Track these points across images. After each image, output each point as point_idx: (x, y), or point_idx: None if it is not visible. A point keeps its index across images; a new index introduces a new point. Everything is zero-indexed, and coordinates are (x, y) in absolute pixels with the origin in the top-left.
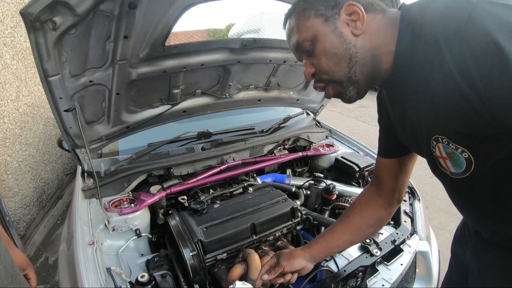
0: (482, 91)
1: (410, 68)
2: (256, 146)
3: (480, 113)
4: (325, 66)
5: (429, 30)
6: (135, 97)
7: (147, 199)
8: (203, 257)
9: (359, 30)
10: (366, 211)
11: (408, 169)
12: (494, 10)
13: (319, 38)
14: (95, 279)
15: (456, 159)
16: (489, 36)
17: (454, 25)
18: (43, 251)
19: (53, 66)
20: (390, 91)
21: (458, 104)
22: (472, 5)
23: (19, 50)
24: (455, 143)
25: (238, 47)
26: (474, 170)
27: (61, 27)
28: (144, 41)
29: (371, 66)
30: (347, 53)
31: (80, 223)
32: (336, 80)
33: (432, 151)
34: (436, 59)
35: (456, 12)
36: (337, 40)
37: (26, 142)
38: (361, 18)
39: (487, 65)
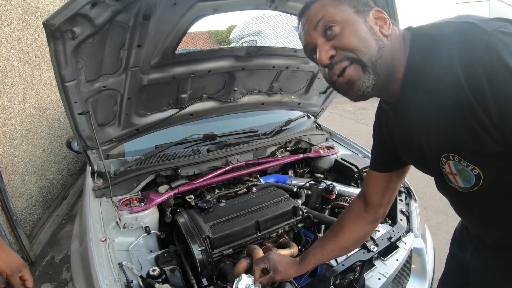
0: (495, 114)
1: (420, 88)
2: (259, 148)
3: (491, 134)
4: (355, 44)
5: (444, 54)
6: (145, 101)
7: (156, 198)
8: (211, 252)
9: (386, 31)
10: (354, 230)
11: (396, 186)
12: (508, 40)
13: (351, 22)
14: (109, 273)
15: (466, 175)
16: (504, 64)
17: (471, 52)
18: (49, 250)
19: (70, 72)
20: (398, 112)
21: (470, 124)
22: (488, 34)
23: (25, 53)
24: (467, 161)
25: (243, 54)
26: (482, 184)
27: (80, 36)
28: (156, 49)
29: (391, 66)
30: (377, 43)
31: (93, 221)
32: (364, 61)
33: (442, 167)
34: (451, 84)
35: (473, 40)
36: (368, 30)
37: (32, 143)
38: (387, 24)
39: (502, 89)
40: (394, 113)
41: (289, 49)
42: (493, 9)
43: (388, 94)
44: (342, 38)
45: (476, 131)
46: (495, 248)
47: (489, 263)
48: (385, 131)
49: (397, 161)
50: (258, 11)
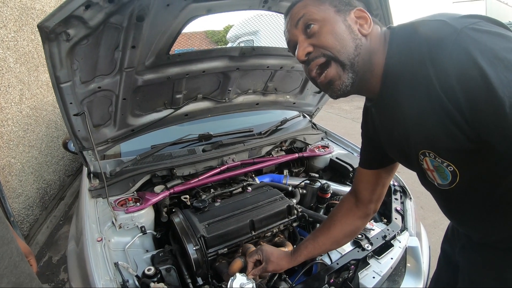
0: (467, 111)
1: (398, 86)
2: (254, 147)
3: (464, 131)
4: (331, 43)
5: (416, 53)
6: (140, 102)
7: (152, 198)
8: (206, 252)
9: (365, 30)
10: (345, 223)
11: (386, 182)
12: (478, 36)
13: (330, 21)
14: (104, 273)
15: (442, 172)
16: (473, 61)
17: (440, 50)
18: (47, 250)
19: (65, 74)
20: (379, 108)
21: (443, 122)
22: (457, 32)
23: (22, 54)
24: (441, 158)
25: (237, 55)
26: (459, 182)
27: (74, 38)
28: (150, 50)
29: (369, 65)
30: (354, 41)
31: (89, 221)
32: (341, 59)
33: (421, 164)
34: (423, 80)
35: (442, 38)
36: (346, 29)
37: (29, 144)
38: (368, 23)
39: (472, 87)
40: (376, 110)
41: (283, 49)
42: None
43: (368, 92)
44: (320, 36)
45: (449, 128)
46: (481, 246)
47: (476, 261)
48: (371, 129)
49: (384, 158)
50: (255, 11)
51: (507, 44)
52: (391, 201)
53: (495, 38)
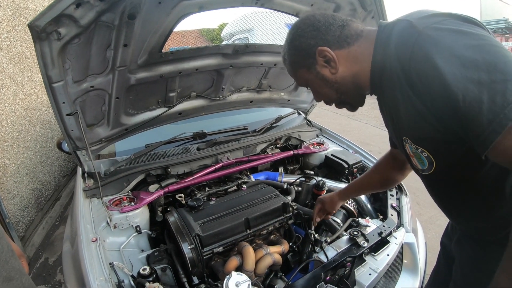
0: (429, 105)
1: (382, 81)
2: (249, 145)
3: (430, 122)
4: (320, 99)
5: (391, 53)
6: (134, 100)
7: (146, 197)
8: (201, 251)
9: (334, 69)
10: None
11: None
12: (438, 36)
13: (310, 83)
14: (100, 274)
15: (419, 157)
16: (430, 60)
17: (404, 50)
18: (43, 252)
19: (57, 73)
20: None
21: (413, 114)
22: (418, 32)
23: (15, 54)
24: (416, 144)
25: (230, 52)
26: (436, 168)
27: (65, 37)
28: (142, 48)
29: (355, 89)
30: (333, 89)
31: (83, 221)
32: (333, 102)
33: (405, 149)
34: (396, 78)
35: (405, 39)
36: (322, 82)
37: (23, 145)
38: (333, 59)
39: (430, 84)
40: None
41: (277, 46)
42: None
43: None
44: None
45: (416, 118)
46: (471, 238)
47: (467, 253)
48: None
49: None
50: (249, 9)
51: (467, 41)
52: (387, 198)
53: (456, 36)
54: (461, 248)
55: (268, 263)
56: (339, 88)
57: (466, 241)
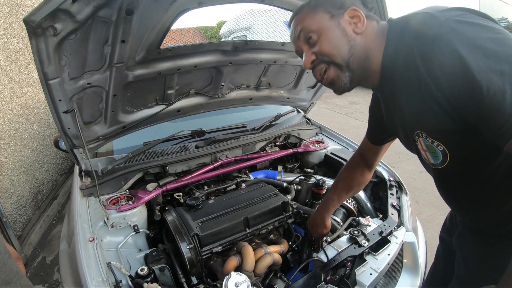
0: (449, 95)
1: (395, 75)
2: (248, 143)
3: (449, 113)
4: (327, 49)
5: (407, 44)
6: (131, 98)
7: (144, 196)
8: (200, 250)
9: (359, 29)
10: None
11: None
12: (459, 27)
13: (325, 29)
14: (97, 274)
15: (433, 151)
16: (453, 50)
17: (425, 40)
18: (40, 251)
19: (53, 70)
20: (382, 95)
21: (430, 104)
22: (440, 23)
23: (12, 52)
24: (432, 138)
25: (230, 49)
26: (450, 162)
27: (62, 33)
28: (140, 45)
29: (365, 61)
30: (348, 44)
31: (80, 221)
32: (337, 62)
33: (416, 144)
34: (413, 69)
35: (427, 30)
36: (340, 33)
37: (20, 143)
38: (361, 21)
39: (452, 73)
40: (380, 94)
41: (276, 43)
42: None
43: (370, 84)
44: (319, 45)
45: (435, 110)
46: (475, 232)
47: (471, 247)
48: (378, 111)
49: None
50: (248, 6)
51: (487, 34)
52: (387, 197)
53: (476, 29)
54: (463, 243)
55: (267, 263)
56: (354, 47)
57: (469, 235)
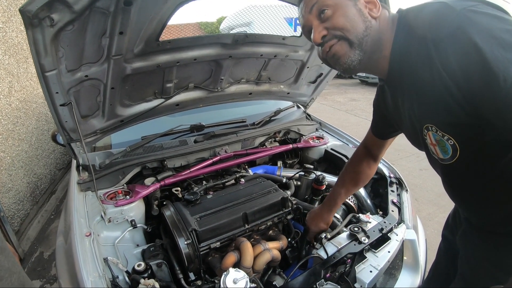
0: (463, 86)
1: (404, 66)
2: (247, 138)
3: (462, 105)
4: (342, 23)
5: (420, 33)
6: (130, 91)
7: (142, 190)
8: (197, 246)
9: (375, 14)
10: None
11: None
12: (476, 17)
13: (341, 5)
14: (93, 269)
15: (443, 145)
16: (469, 39)
17: (440, 29)
18: (38, 246)
19: (50, 62)
20: (390, 87)
21: (443, 96)
22: (456, 12)
23: (10, 45)
24: (442, 131)
25: (230, 42)
26: (460, 156)
27: (59, 23)
28: (139, 36)
29: (378, 46)
30: (364, 23)
31: (77, 215)
32: (350, 38)
33: (424, 138)
34: (425, 58)
35: (442, 18)
36: (357, 12)
37: (19, 138)
38: (377, 7)
39: (468, 63)
40: (388, 87)
41: (277, 36)
42: None
43: (377, 71)
44: (332, 19)
45: (448, 102)
46: (481, 230)
47: (476, 246)
48: (383, 106)
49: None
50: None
51: (503, 25)
52: (387, 193)
53: (492, 20)
54: (468, 241)
55: (266, 259)
56: (370, 28)
57: (473, 233)
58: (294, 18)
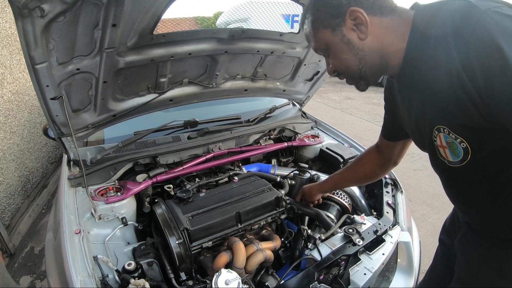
0: (483, 89)
1: (418, 63)
2: (242, 135)
3: (479, 108)
4: (338, 66)
5: (440, 30)
6: (122, 85)
7: (133, 187)
8: (189, 245)
9: (364, 34)
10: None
11: (406, 146)
12: (500, 19)
13: (331, 47)
14: (82, 268)
15: (454, 148)
16: (493, 41)
17: (463, 28)
18: (29, 240)
19: (40, 54)
20: (400, 83)
21: (460, 97)
22: (481, 12)
23: (3, 37)
24: (455, 133)
25: (226, 37)
26: (470, 160)
27: (49, 14)
28: (133, 29)
29: (380, 64)
30: (356, 57)
31: (67, 212)
32: (352, 75)
33: (434, 140)
34: (444, 56)
35: (465, 17)
36: (346, 47)
37: (10, 130)
38: (364, 22)
39: (490, 65)
40: (398, 83)
41: (274, 32)
42: None
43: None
44: (331, 60)
45: (465, 104)
46: (481, 235)
47: (475, 250)
48: (392, 102)
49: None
50: None
51: None
52: (382, 194)
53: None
54: (467, 245)
55: (259, 260)
56: (364, 58)
57: (473, 237)
58: (292, 15)
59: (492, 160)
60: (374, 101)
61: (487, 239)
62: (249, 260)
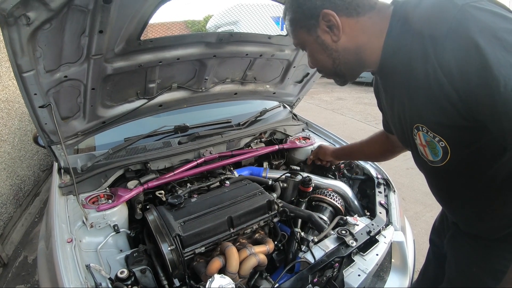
0: (460, 87)
1: (397, 60)
2: (232, 139)
3: (457, 107)
4: (314, 65)
5: (417, 26)
6: (111, 91)
7: (125, 194)
8: (182, 251)
9: (337, 36)
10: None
11: None
12: (478, 14)
13: (306, 45)
14: (75, 277)
15: (433, 147)
16: (471, 38)
17: (440, 24)
18: (22, 250)
19: (27, 62)
20: (382, 80)
21: (437, 96)
22: (458, 8)
23: None
24: (433, 132)
25: (214, 41)
26: (450, 159)
27: (35, 22)
28: (120, 35)
29: (356, 62)
30: (330, 58)
31: (58, 220)
32: (328, 73)
33: (414, 138)
34: (421, 54)
35: (442, 13)
36: (320, 47)
37: (1, 139)
38: (337, 25)
39: (467, 63)
40: (380, 80)
41: (263, 35)
42: None
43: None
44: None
45: (442, 102)
46: (469, 235)
47: (464, 250)
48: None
49: None
50: (235, 1)
51: (507, 25)
52: (375, 194)
53: (496, 18)
54: (456, 245)
55: (252, 264)
56: (338, 58)
57: (462, 237)
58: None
59: (472, 161)
60: (365, 101)
61: (475, 239)
62: (242, 264)
